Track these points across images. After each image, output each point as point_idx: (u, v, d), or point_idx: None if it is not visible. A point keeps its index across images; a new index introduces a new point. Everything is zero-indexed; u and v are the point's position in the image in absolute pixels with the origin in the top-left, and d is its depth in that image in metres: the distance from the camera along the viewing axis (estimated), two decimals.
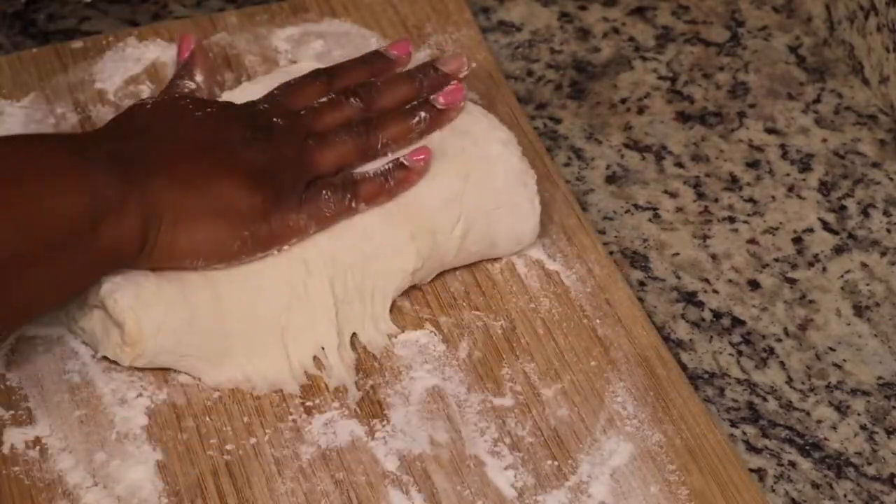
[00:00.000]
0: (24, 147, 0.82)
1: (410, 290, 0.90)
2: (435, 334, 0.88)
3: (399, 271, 0.87)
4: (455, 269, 0.91)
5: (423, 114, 0.89)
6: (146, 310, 0.82)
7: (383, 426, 0.83)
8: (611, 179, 1.00)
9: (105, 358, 0.85)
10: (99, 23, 1.08)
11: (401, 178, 0.87)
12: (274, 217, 0.84)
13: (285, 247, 0.85)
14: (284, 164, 0.85)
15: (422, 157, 0.87)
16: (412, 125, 0.89)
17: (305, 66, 0.94)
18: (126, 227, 0.80)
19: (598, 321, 0.89)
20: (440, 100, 0.89)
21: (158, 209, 0.81)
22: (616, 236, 0.96)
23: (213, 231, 0.83)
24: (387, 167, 0.87)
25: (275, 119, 0.86)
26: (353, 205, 0.86)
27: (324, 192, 0.85)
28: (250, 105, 0.88)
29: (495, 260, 0.92)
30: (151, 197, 0.81)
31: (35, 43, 1.06)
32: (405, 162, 0.87)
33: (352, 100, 0.88)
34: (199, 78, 0.92)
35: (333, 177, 0.86)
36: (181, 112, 0.86)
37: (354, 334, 0.87)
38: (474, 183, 0.89)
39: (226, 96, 0.92)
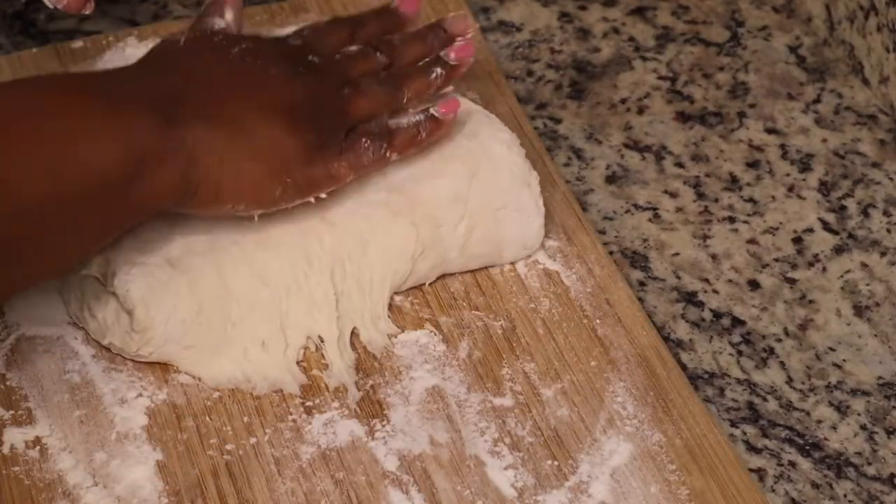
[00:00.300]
0: (47, 91, 0.79)
1: (410, 290, 0.90)
2: (435, 334, 0.88)
3: (397, 256, 0.87)
4: None
5: (438, 70, 0.90)
6: (157, 300, 0.83)
7: (383, 426, 0.83)
8: (611, 179, 1.00)
9: (105, 358, 0.85)
10: (99, 23, 1.08)
11: (431, 129, 0.88)
12: (316, 163, 0.84)
13: (322, 195, 0.85)
14: (325, 108, 0.85)
15: (451, 109, 0.89)
16: (431, 80, 0.90)
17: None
18: (166, 176, 0.78)
19: (598, 321, 0.89)
20: (451, 55, 0.90)
21: (201, 154, 0.79)
22: (616, 236, 0.96)
23: (257, 174, 0.82)
24: (418, 119, 0.88)
25: (310, 57, 0.87)
26: (388, 154, 0.87)
27: (363, 140, 0.86)
28: (283, 41, 0.88)
29: None
30: (193, 141, 0.79)
31: (35, 43, 1.06)
32: (436, 114, 0.88)
33: (378, 54, 0.89)
34: (228, 16, 0.89)
35: (369, 123, 0.87)
36: (216, 48, 0.85)
37: (355, 334, 0.87)
38: (480, 183, 0.89)
39: None
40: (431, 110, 0.88)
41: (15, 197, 0.73)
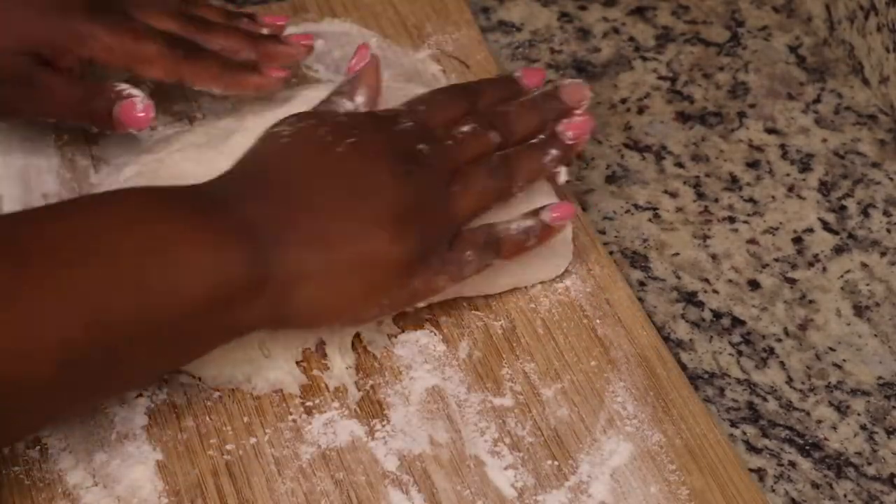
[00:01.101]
0: (136, 208, 0.76)
1: None
2: (435, 334, 0.88)
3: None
4: None
5: (553, 150, 0.86)
6: None
7: (383, 426, 0.83)
8: (611, 179, 1.00)
9: None
10: None
11: (542, 236, 0.85)
12: (417, 277, 0.81)
13: (420, 304, 0.83)
14: (432, 212, 0.81)
15: (564, 216, 0.85)
16: (545, 164, 0.86)
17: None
18: (260, 303, 0.76)
19: (598, 321, 0.89)
20: (569, 133, 0.87)
21: (298, 278, 0.77)
22: (616, 236, 0.96)
23: (357, 295, 0.80)
24: (528, 225, 0.84)
25: (420, 146, 0.82)
26: (492, 262, 0.84)
27: (468, 252, 0.82)
28: (393, 122, 0.84)
29: None
30: (290, 265, 0.76)
31: None
32: (546, 220, 0.85)
33: (491, 133, 0.85)
34: (359, 99, 0.86)
35: (475, 230, 0.83)
36: (319, 148, 0.81)
37: (356, 334, 0.87)
38: None
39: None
40: (542, 216, 0.84)
41: (99, 314, 0.72)
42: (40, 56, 0.88)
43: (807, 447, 0.85)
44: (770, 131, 1.03)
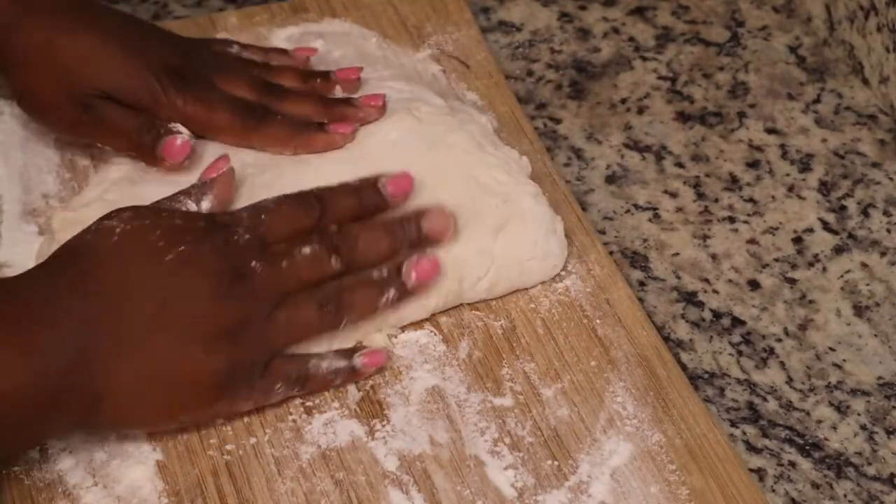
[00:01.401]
0: None
1: None
2: (435, 334, 0.88)
3: (413, 310, 0.87)
4: None
5: (392, 291, 0.84)
6: None
7: (383, 426, 0.83)
8: (611, 179, 1.00)
9: None
10: None
11: (347, 378, 0.84)
12: (224, 399, 0.80)
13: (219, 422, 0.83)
14: (247, 337, 0.79)
15: (375, 363, 0.84)
16: (379, 305, 0.84)
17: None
18: (67, 412, 0.76)
19: (598, 321, 0.89)
20: (412, 276, 0.84)
21: (108, 387, 0.76)
22: (616, 236, 0.96)
23: (156, 407, 0.79)
24: (338, 367, 0.83)
25: (253, 263, 0.80)
26: (299, 394, 0.83)
27: (278, 385, 0.81)
28: (231, 232, 0.81)
29: None
30: (101, 377, 0.76)
31: None
32: (356, 366, 0.83)
33: (333, 258, 0.82)
34: (205, 204, 0.84)
35: (287, 362, 0.82)
36: (149, 253, 0.78)
37: None
38: (508, 239, 0.88)
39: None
40: (354, 360, 0.83)
41: None
42: (112, 97, 0.90)
43: (807, 447, 0.85)
44: (770, 131, 1.03)
